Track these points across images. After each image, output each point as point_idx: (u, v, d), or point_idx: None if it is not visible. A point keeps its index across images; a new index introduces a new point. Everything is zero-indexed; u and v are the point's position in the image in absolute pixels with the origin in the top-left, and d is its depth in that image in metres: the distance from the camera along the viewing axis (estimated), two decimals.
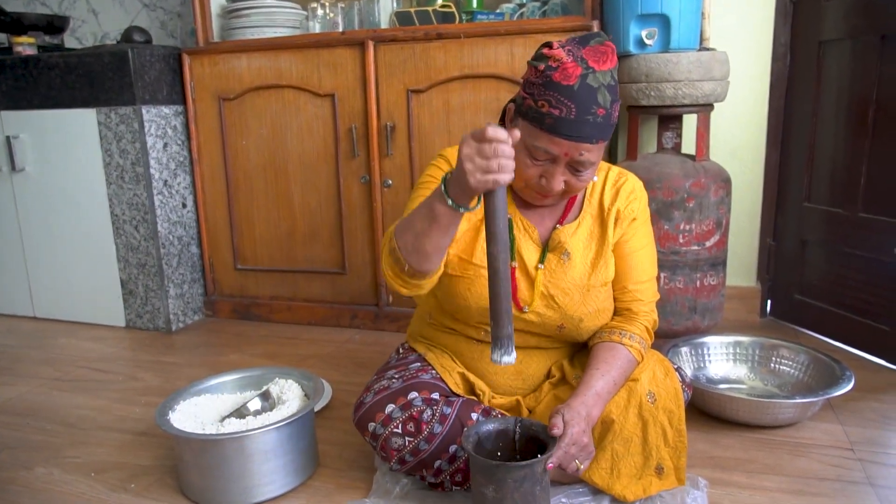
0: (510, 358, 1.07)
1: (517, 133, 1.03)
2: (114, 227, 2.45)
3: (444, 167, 1.34)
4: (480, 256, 1.29)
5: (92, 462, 1.58)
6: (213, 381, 1.58)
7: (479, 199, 1.08)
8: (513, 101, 1.27)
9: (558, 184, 1.21)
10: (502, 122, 1.36)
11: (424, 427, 1.26)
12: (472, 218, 1.32)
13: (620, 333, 1.32)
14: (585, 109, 1.14)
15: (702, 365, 1.87)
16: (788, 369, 1.80)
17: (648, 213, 1.40)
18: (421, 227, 1.13)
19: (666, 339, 1.96)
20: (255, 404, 1.49)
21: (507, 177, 1.02)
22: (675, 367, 1.36)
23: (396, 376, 1.36)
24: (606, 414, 1.26)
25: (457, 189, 1.06)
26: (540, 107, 1.16)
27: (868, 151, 1.95)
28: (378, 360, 2.10)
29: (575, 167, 1.20)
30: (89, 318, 2.61)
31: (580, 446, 1.16)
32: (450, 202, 1.08)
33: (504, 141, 1.00)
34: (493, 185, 1.02)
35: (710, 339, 1.89)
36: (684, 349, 1.86)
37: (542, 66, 1.16)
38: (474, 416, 1.29)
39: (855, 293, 2.05)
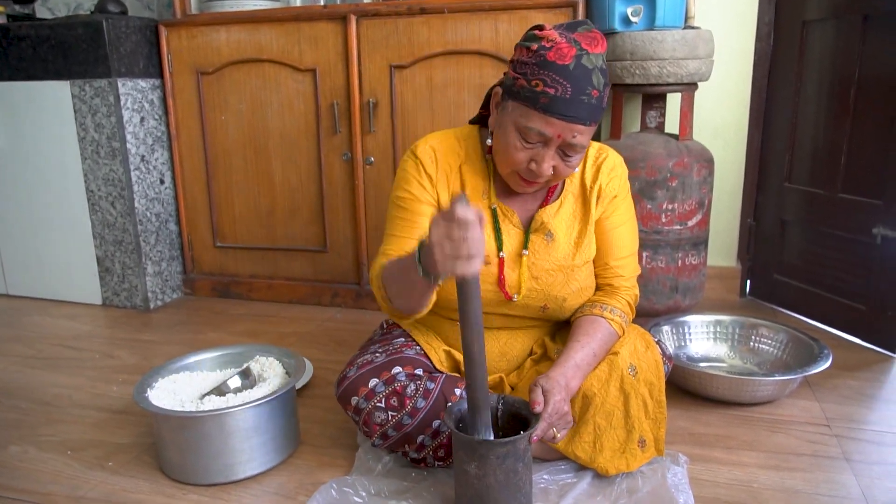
0: (490, 435, 1.14)
1: (484, 216, 0.97)
2: (89, 203, 2.40)
3: (415, 175, 1.30)
4: None
5: (68, 440, 1.55)
6: (193, 359, 1.56)
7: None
8: (499, 84, 1.24)
9: (548, 168, 1.18)
10: (486, 108, 1.33)
11: (408, 402, 1.26)
12: None
13: (602, 307, 1.32)
14: (581, 89, 1.12)
15: (683, 343, 1.88)
16: (768, 348, 1.82)
17: (629, 188, 1.39)
18: (402, 287, 1.16)
19: (647, 317, 1.98)
20: (236, 382, 1.47)
21: (477, 264, 0.96)
22: (656, 340, 1.37)
23: (380, 350, 1.35)
24: (588, 388, 1.27)
25: (429, 264, 1.01)
26: (534, 86, 1.13)
27: (849, 132, 1.96)
28: (359, 338, 2.09)
29: (565, 150, 1.18)
30: (64, 295, 2.57)
31: (560, 414, 1.17)
32: (421, 273, 1.04)
33: (473, 223, 0.94)
34: (461, 271, 0.96)
35: (691, 318, 1.90)
36: (666, 328, 1.87)
37: (534, 46, 1.14)
38: (458, 391, 1.28)
39: (833, 273, 2.07)
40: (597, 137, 2.40)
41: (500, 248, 1.30)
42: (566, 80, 1.12)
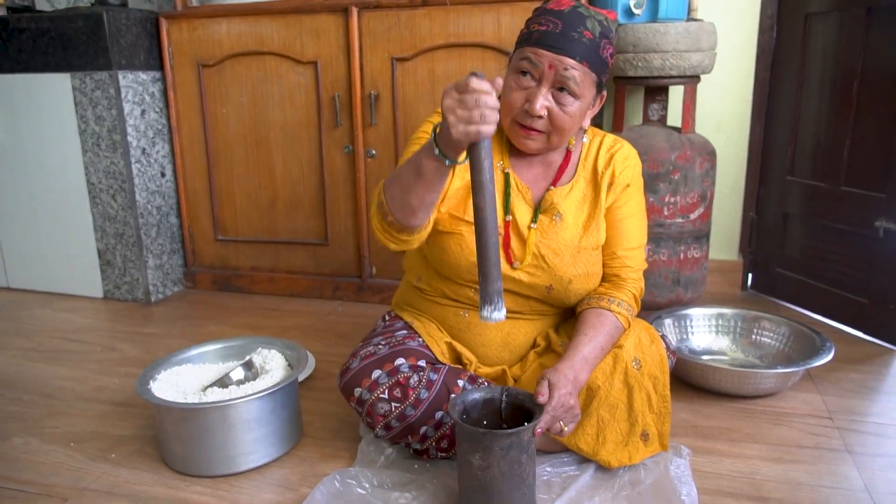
0: (500, 314, 1.04)
1: (499, 82, 1.00)
2: (90, 195, 2.40)
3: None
4: (472, 213, 1.28)
5: (71, 432, 1.55)
6: (195, 351, 1.56)
7: (466, 154, 1.06)
8: None
9: (540, 107, 1.21)
10: None
11: (411, 393, 1.26)
12: (464, 176, 1.30)
13: (609, 300, 1.32)
14: (572, 27, 1.19)
15: (685, 336, 1.88)
16: (770, 341, 1.82)
17: (642, 182, 1.40)
18: (408, 180, 1.12)
19: (649, 311, 1.97)
20: (238, 374, 1.47)
21: (490, 128, 0.98)
22: (661, 334, 1.37)
23: (383, 342, 1.35)
24: (592, 380, 1.27)
25: (443, 141, 1.04)
26: (530, 28, 1.23)
27: (851, 125, 1.95)
28: (361, 331, 2.09)
29: (559, 89, 1.21)
30: (65, 288, 2.56)
31: (566, 408, 1.17)
32: (437, 152, 1.05)
33: (487, 91, 0.97)
34: (475, 136, 0.98)
35: (694, 311, 1.90)
36: (668, 321, 1.87)
37: (538, 6, 1.25)
38: (461, 382, 1.28)
39: (835, 266, 2.07)
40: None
41: (507, 212, 1.31)
42: (558, 19, 1.20)
